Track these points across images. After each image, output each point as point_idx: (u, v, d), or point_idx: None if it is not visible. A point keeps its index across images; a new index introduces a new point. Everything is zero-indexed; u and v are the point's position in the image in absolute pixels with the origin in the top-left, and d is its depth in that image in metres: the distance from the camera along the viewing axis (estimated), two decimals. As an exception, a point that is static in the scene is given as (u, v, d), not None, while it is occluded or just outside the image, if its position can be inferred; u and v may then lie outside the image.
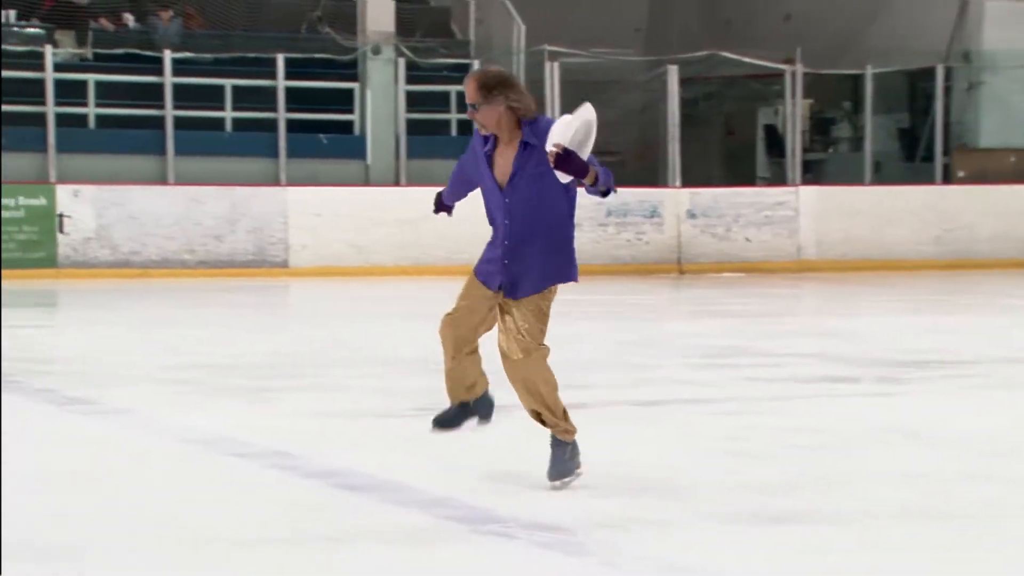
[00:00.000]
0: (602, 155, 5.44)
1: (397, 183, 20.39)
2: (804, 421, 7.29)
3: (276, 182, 19.84)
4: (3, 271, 17.68)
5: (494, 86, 5.22)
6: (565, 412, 5.48)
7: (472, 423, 5.59)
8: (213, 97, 19.87)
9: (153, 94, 19.39)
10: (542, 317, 5.38)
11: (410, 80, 20.44)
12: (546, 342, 5.41)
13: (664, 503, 5.28)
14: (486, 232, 5.50)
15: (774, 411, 7.63)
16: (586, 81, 21.41)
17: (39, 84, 18.84)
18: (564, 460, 5.45)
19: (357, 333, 12.02)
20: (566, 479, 5.45)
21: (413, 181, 20.38)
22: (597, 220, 20.05)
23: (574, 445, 5.49)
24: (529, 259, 5.33)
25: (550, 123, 5.19)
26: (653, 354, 10.49)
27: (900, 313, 14.35)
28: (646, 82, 22.14)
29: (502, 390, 5.65)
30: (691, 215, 20.29)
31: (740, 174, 23.80)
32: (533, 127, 5.27)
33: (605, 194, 5.20)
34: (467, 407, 5.57)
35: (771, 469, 5.97)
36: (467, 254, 19.69)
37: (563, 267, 5.39)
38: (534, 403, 5.44)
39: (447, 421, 5.60)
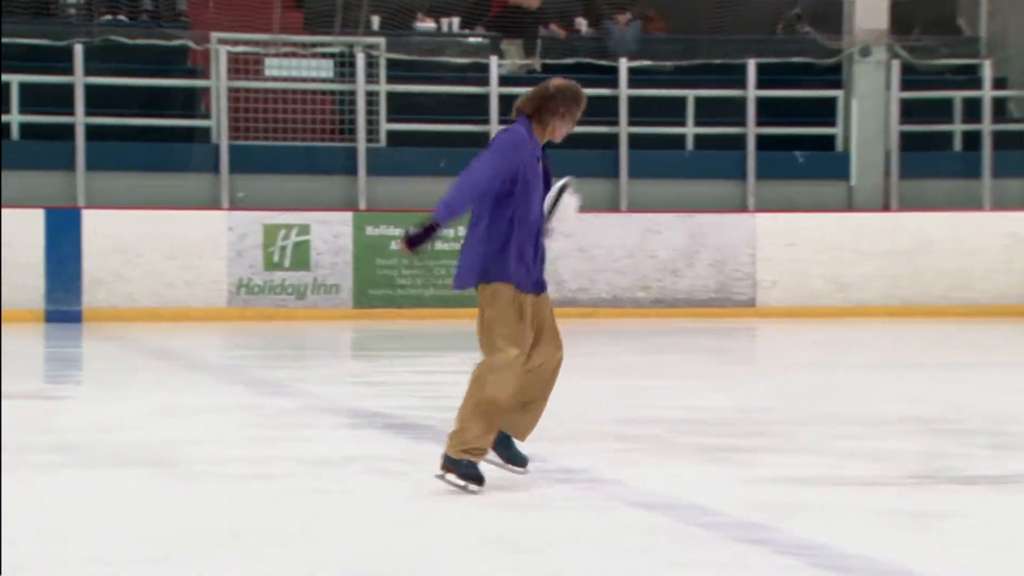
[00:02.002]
0: None
1: (887, 208, 20.13)
2: None
3: (743, 207, 19.99)
4: (431, 310, 18.62)
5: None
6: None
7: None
8: (673, 111, 20.25)
9: (606, 109, 19.95)
10: None
11: (905, 86, 20.16)
12: None
13: None
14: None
15: None
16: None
17: (482, 100, 19.74)
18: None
19: (838, 385, 11.93)
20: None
21: (906, 206, 20.08)
22: None
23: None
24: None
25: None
26: None
27: None
28: None
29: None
30: None
31: None
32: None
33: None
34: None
35: None
36: (974, 292, 19.28)
37: None
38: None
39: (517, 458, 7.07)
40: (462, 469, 6.74)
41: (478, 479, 6.75)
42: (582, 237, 19.00)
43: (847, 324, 18.48)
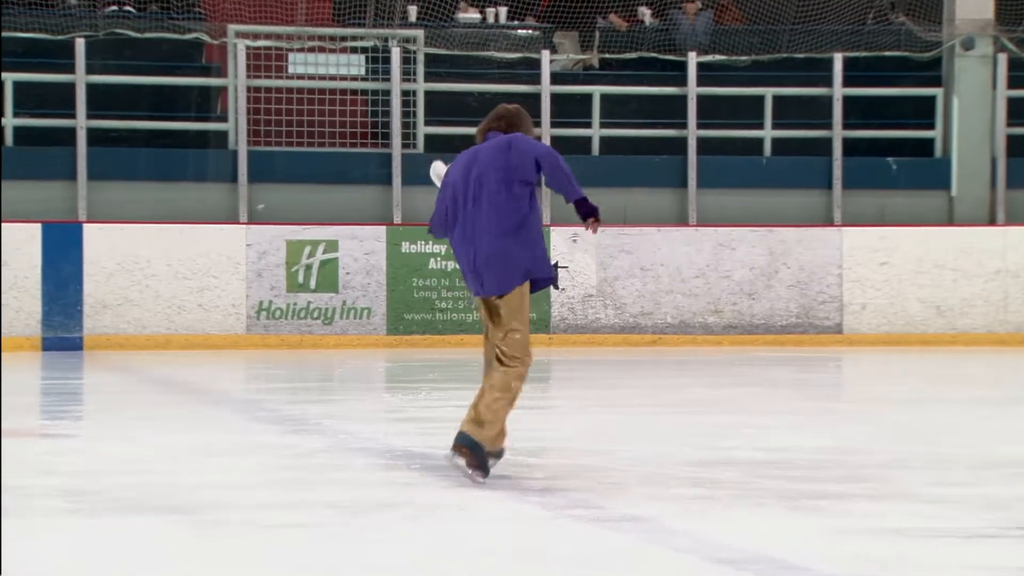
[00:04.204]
0: None
1: (993, 221, 20.10)
2: None
3: (829, 221, 19.99)
4: (475, 336, 18.65)
5: None
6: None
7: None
8: (749, 112, 20.29)
9: (673, 110, 19.99)
10: None
11: (1013, 83, 20.15)
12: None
13: None
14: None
15: None
16: None
17: (533, 100, 19.81)
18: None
19: (939, 424, 11.92)
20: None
21: (1015, 219, 20.04)
22: None
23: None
24: None
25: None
26: None
27: None
28: None
29: None
30: None
31: None
32: None
33: None
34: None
35: None
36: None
37: None
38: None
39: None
40: (481, 457, 8.39)
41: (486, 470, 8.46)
42: (644, 252, 19.03)
43: (948, 353, 18.42)
